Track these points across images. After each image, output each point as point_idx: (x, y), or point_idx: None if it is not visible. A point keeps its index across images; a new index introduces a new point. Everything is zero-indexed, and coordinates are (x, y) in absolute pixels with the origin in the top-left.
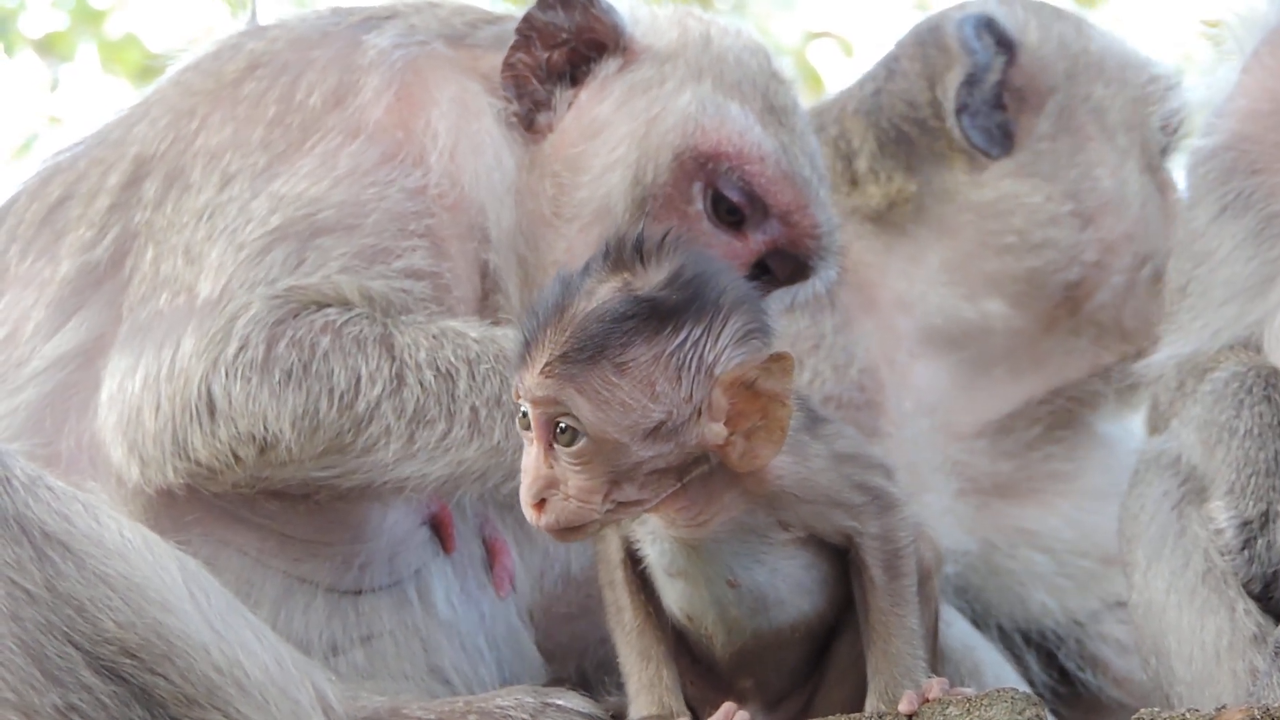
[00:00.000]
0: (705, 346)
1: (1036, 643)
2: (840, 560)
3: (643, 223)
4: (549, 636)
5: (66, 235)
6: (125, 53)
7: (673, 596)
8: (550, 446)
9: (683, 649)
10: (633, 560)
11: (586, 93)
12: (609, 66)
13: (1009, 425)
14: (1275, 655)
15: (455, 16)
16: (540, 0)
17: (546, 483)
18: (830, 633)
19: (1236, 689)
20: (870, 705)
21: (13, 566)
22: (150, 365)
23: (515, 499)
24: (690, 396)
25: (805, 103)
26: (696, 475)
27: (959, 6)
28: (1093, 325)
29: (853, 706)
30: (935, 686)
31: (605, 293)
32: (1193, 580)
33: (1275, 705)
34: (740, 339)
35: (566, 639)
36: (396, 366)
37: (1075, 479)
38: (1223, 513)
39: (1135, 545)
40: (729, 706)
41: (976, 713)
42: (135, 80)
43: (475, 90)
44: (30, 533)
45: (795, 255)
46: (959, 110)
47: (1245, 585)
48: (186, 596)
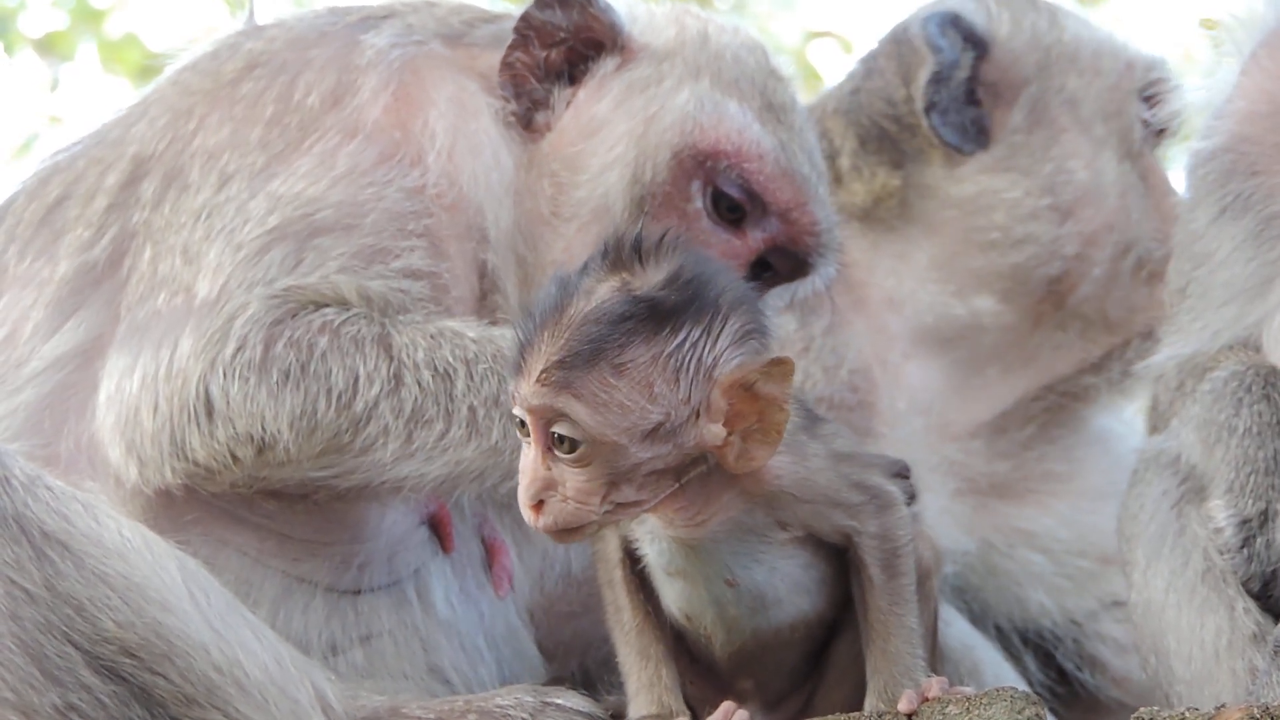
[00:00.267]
0: (704, 348)
1: (1034, 643)
2: (839, 559)
3: (641, 222)
4: (551, 635)
5: (65, 235)
6: (125, 52)
7: (671, 596)
8: (548, 450)
9: (682, 649)
10: (631, 559)
11: (584, 91)
12: (607, 65)
13: (1003, 425)
14: (1274, 654)
15: (452, 15)
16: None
17: (545, 484)
18: (829, 632)
19: (1236, 688)
20: (869, 704)
21: (12, 566)
22: (148, 365)
23: (513, 499)
24: (689, 398)
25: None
26: (694, 475)
27: (931, 4)
28: (1078, 318)
29: (852, 706)
30: (935, 685)
31: (604, 293)
32: (1192, 579)
33: (1275, 704)
34: (739, 340)
35: (569, 636)
36: (394, 366)
37: (1072, 479)
38: (1222, 511)
39: (1135, 544)
40: (728, 706)
41: (976, 712)
42: (135, 80)
43: (473, 89)
44: (29, 532)
45: (795, 252)
46: (928, 108)
47: (1244, 584)
48: (186, 596)
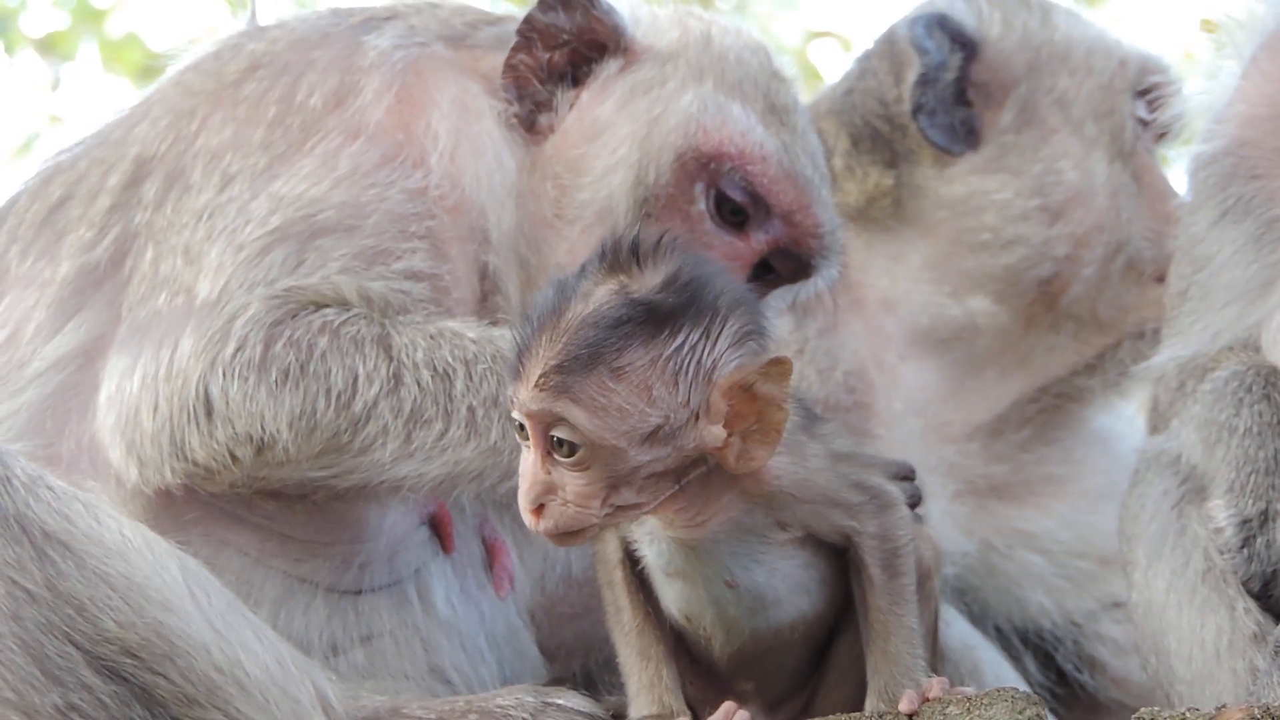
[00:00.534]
0: (703, 350)
1: (1034, 644)
2: (839, 560)
3: (639, 224)
4: (553, 636)
5: (67, 236)
6: (126, 52)
7: (671, 597)
8: (548, 453)
9: (681, 649)
10: (631, 560)
11: (588, 94)
12: (610, 67)
13: (999, 428)
14: (1275, 654)
15: (455, 17)
16: (541, 1)
17: (544, 488)
18: (830, 633)
19: (1236, 688)
20: (870, 705)
21: (13, 566)
22: (149, 365)
23: (513, 499)
24: (688, 400)
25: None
26: (694, 477)
27: (922, 4)
28: (1070, 319)
29: (853, 706)
30: (935, 686)
31: (601, 296)
32: (1193, 579)
33: (1275, 704)
34: (738, 341)
35: (571, 638)
36: (394, 367)
37: (1072, 480)
38: (1222, 511)
39: (1135, 544)
40: (729, 706)
41: (977, 712)
42: (136, 80)
43: (476, 91)
44: (30, 532)
45: (797, 254)
46: (915, 110)
47: (1244, 583)
48: (187, 596)
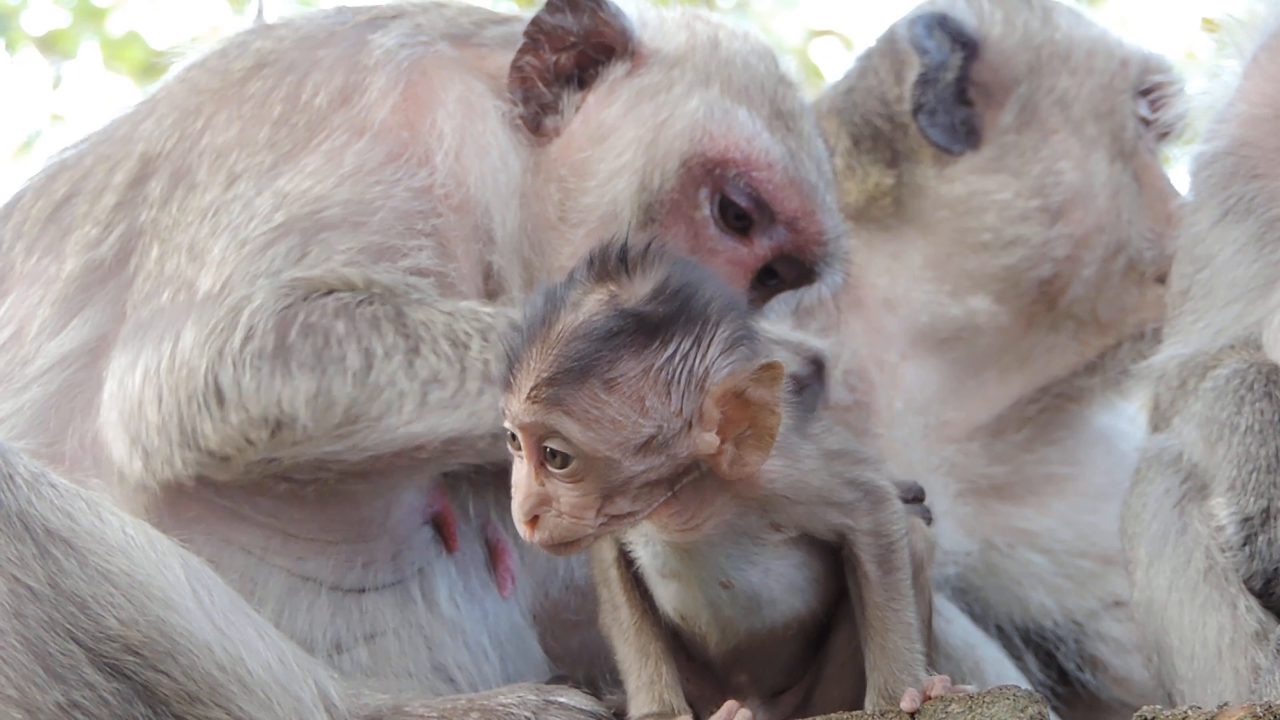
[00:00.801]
0: (695, 359)
1: (1035, 643)
2: (832, 557)
3: (637, 230)
4: (558, 643)
5: (72, 233)
6: (127, 50)
7: (666, 597)
8: (541, 465)
9: (678, 646)
10: (626, 559)
11: (594, 96)
12: (617, 70)
13: (999, 428)
14: (1277, 652)
15: (462, 16)
16: (548, 3)
17: (539, 500)
18: (824, 628)
19: (1238, 686)
20: (870, 702)
21: (15, 563)
22: (149, 359)
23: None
24: (681, 409)
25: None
26: (687, 482)
27: (924, 3)
28: (1070, 320)
29: (852, 699)
30: (937, 684)
31: (591, 306)
32: (1194, 577)
33: (1277, 702)
34: (729, 348)
35: (576, 646)
36: (412, 341)
37: (1074, 479)
38: (1224, 509)
39: (1137, 543)
40: (730, 705)
41: (978, 710)
42: (137, 78)
43: (481, 91)
44: (33, 530)
45: (801, 261)
46: (915, 110)
47: (1246, 582)
48: (189, 594)
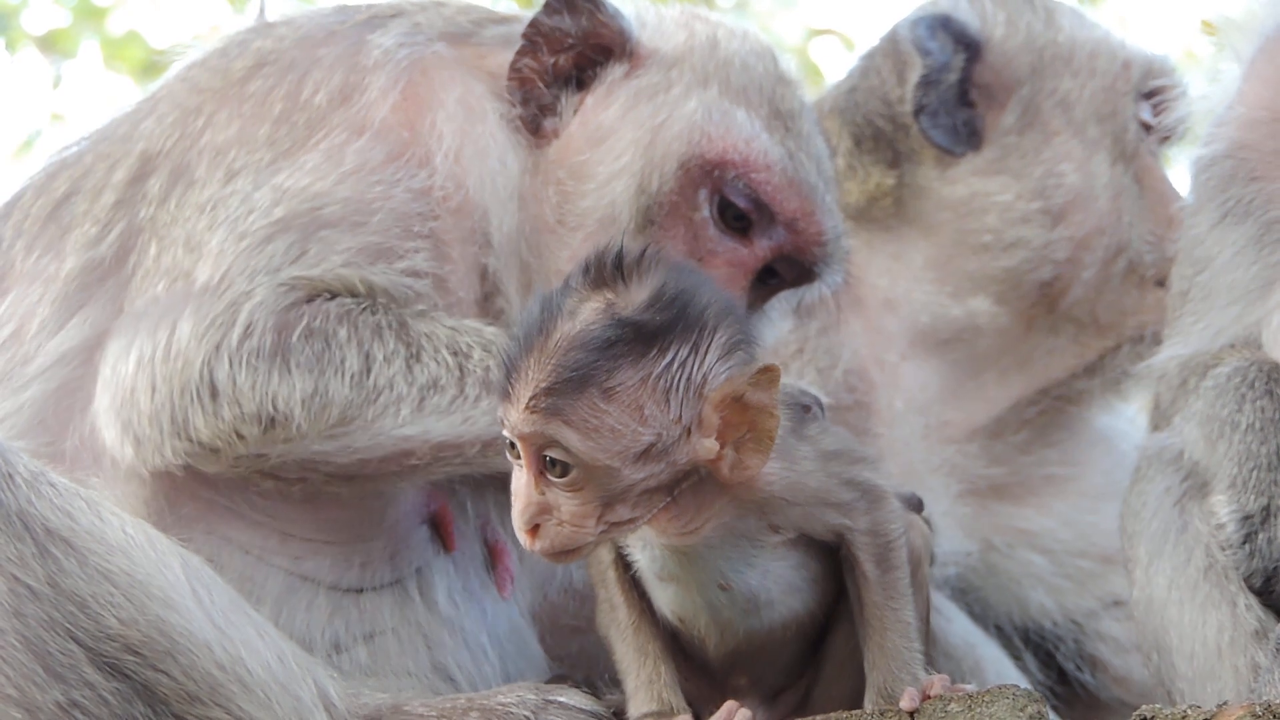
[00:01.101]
0: (693, 366)
1: (1035, 642)
2: (830, 557)
3: (636, 233)
4: (557, 647)
5: (72, 231)
6: (127, 49)
7: (664, 600)
8: (541, 474)
9: (676, 646)
10: (624, 560)
11: (592, 98)
12: (615, 71)
13: (998, 430)
14: (1277, 651)
15: (460, 15)
16: (546, 5)
17: (539, 509)
18: (823, 627)
19: (1238, 685)
20: (869, 701)
21: (15, 563)
22: (144, 347)
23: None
24: (680, 416)
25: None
26: (686, 486)
27: (926, 4)
28: (1070, 322)
29: (852, 697)
30: (937, 683)
31: (588, 314)
32: (1194, 576)
33: (1277, 701)
34: (727, 353)
35: (575, 651)
36: (414, 348)
37: (1073, 480)
38: (1224, 507)
39: (1137, 541)
40: (731, 705)
41: (978, 709)
42: (137, 77)
43: (480, 92)
44: (33, 529)
45: (801, 261)
46: (917, 111)
47: (1246, 579)
48: (189, 593)
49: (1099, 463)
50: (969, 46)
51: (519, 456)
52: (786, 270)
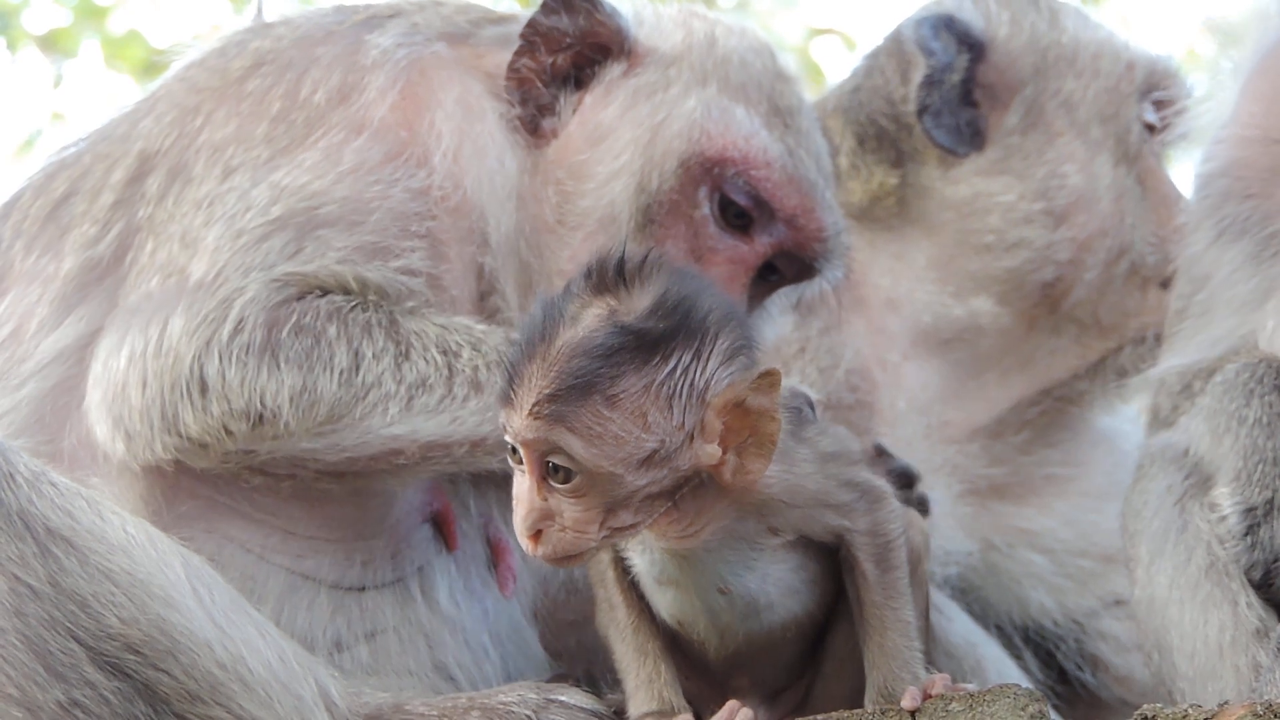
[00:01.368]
0: (695, 372)
1: (1035, 642)
2: (829, 558)
3: (634, 236)
4: (556, 641)
5: (71, 231)
6: (128, 49)
7: (664, 604)
8: (543, 480)
9: (676, 646)
10: (622, 560)
11: (591, 97)
12: (613, 70)
13: (999, 430)
14: (1278, 650)
15: (458, 15)
16: (544, 5)
17: (542, 515)
18: (822, 627)
19: (1239, 684)
20: (870, 701)
21: (16, 562)
22: (136, 342)
23: (505, 474)
24: (683, 423)
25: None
26: (687, 490)
27: (930, 4)
28: (1072, 323)
29: (852, 696)
30: (938, 682)
31: (590, 320)
32: (1195, 575)
33: (1278, 700)
34: (728, 359)
35: (573, 645)
36: (403, 346)
37: (1074, 480)
38: (1227, 499)
39: (1138, 541)
40: (732, 705)
41: (979, 709)
42: (138, 76)
43: (479, 92)
44: (34, 529)
45: (802, 257)
46: (920, 111)
47: (1246, 572)
48: (190, 593)
49: (1100, 462)
50: (973, 46)
51: (521, 462)
52: (787, 266)
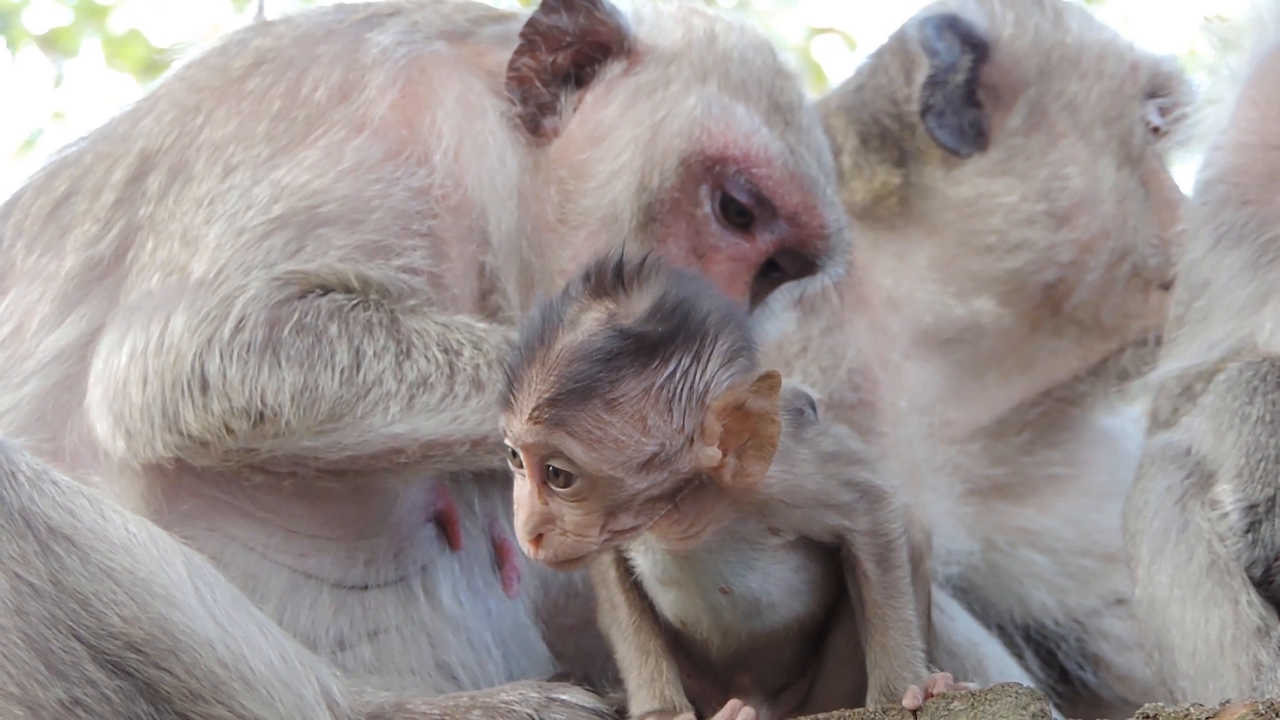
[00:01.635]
0: (695, 375)
1: (1036, 641)
2: (830, 558)
3: (623, 244)
4: (556, 643)
5: (72, 230)
6: (129, 48)
7: (666, 604)
8: (544, 484)
9: (677, 645)
10: (624, 561)
11: (591, 95)
12: (614, 69)
13: (1000, 431)
14: (1279, 649)
15: (458, 13)
16: (543, 4)
17: (542, 519)
18: (824, 626)
19: (1240, 683)
20: (872, 700)
21: (18, 561)
22: (137, 340)
23: (505, 470)
24: (683, 426)
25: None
26: (687, 492)
27: (934, 3)
28: (1074, 324)
29: (854, 694)
30: (939, 681)
31: (589, 324)
32: (1196, 574)
33: (1279, 699)
34: (728, 361)
35: (573, 649)
36: (404, 345)
37: (1075, 479)
38: (1229, 496)
39: (1139, 540)
40: (734, 704)
41: (981, 707)
42: (139, 75)
43: (479, 90)
44: (35, 527)
45: (804, 254)
46: (923, 111)
47: (1247, 570)
48: (192, 591)
49: (1102, 462)
50: (976, 47)
51: (521, 466)
52: (789, 263)
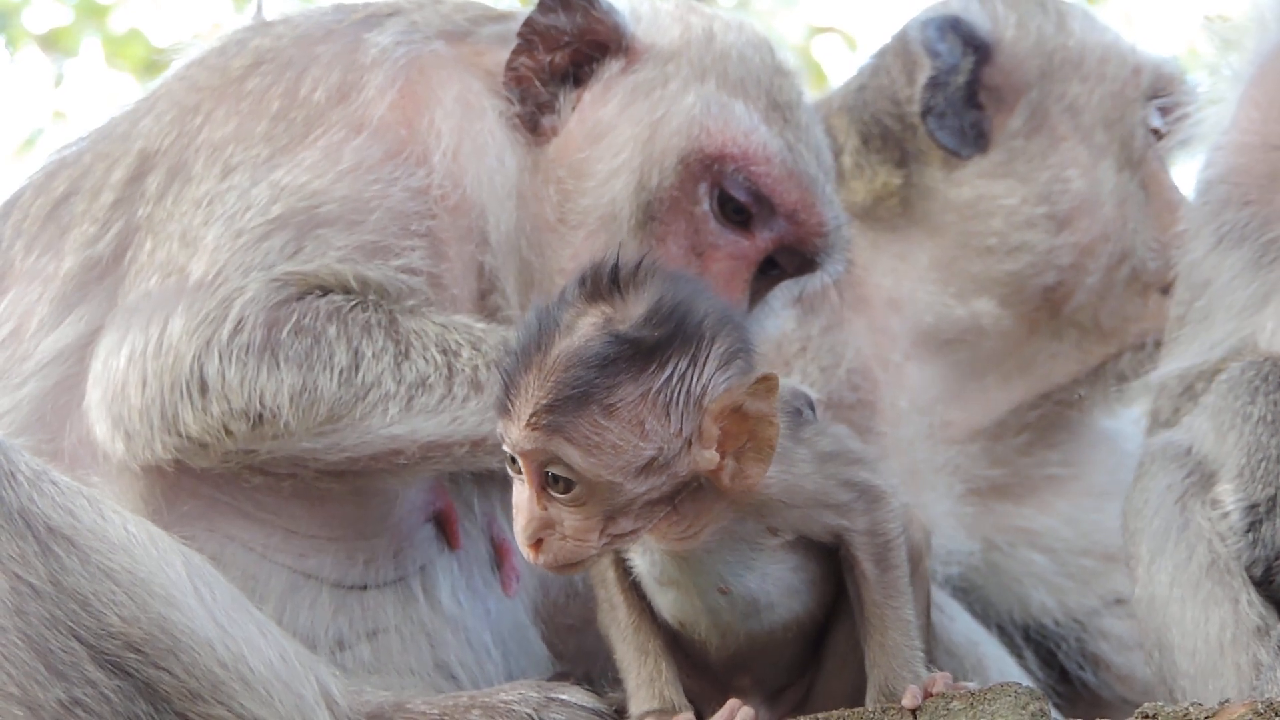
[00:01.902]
0: (692, 378)
1: (1036, 641)
2: (829, 558)
3: (619, 248)
4: (556, 643)
5: (71, 231)
6: (129, 47)
7: (664, 604)
8: (543, 489)
9: (676, 645)
10: (623, 563)
11: (590, 94)
12: (612, 67)
13: (999, 432)
14: (1279, 649)
15: (457, 13)
16: (541, 3)
17: (542, 524)
18: (823, 626)
19: (1240, 682)
20: (871, 700)
21: (17, 561)
22: (136, 342)
23: (504, 471)
24: (680, 430)
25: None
26: (686, 494)
27: (937, 4)
28: (1073, 327)
29: (853, 693)
30: (939, 681)
31: (585, 329)
32: (1196, 573)
33: (1279, 698)
34: (725, 364)
35: (573, 649)
36: (403, 346)
37: (1075, 480)
38: (1230, 495)
39: (1138, 539)
40: (733, 704)
41: (980, 707)
42: (139, 75)
43: (478, 90)
44: (35, 527)
45: (803, 252)
46: (924, 112)
47: (1247, 569)
48: (191, 591)
49: (1102, 462)
50: (978, 48)
51: (520, 471)
52: (788, 261)
